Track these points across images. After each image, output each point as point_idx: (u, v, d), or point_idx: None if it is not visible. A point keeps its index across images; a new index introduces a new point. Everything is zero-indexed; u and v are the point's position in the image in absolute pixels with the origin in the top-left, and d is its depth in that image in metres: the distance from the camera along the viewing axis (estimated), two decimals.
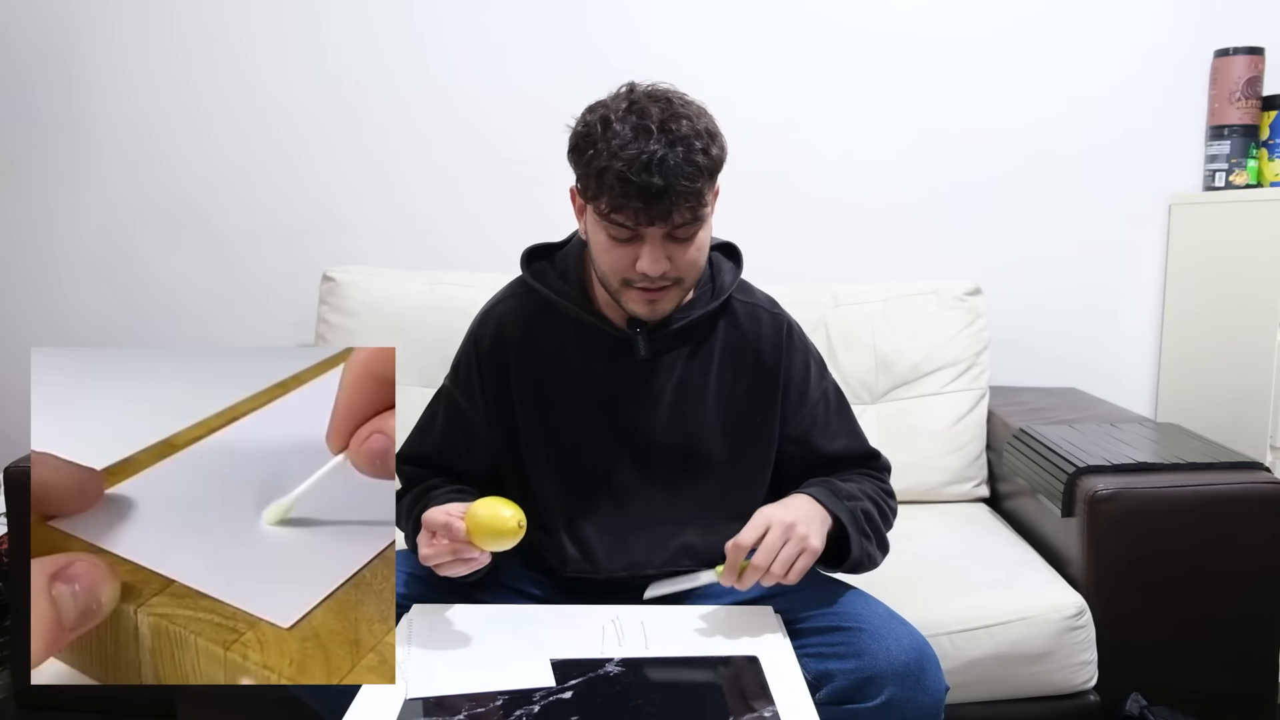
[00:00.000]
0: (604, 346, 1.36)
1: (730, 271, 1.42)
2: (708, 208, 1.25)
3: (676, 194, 1.17)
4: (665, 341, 1.36)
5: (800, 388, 1.41)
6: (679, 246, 1.24)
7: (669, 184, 1.17)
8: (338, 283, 2.21)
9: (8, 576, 1.83)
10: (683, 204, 1.19)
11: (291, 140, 2.43)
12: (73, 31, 2.43)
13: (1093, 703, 1.61)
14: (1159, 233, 2.38)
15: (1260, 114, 2.24)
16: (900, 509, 2.01)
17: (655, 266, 1.23)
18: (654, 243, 1.22)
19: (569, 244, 1.42)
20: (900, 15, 2.34)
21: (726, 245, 1.46)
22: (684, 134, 1.18)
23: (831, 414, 1.43)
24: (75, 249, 2.50)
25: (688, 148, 1.18)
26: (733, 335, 1.39)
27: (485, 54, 2.38)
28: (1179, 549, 1.63)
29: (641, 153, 1.16)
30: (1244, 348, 2.08)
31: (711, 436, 1.38)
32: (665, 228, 1.21)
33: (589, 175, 1.21)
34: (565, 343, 1.37)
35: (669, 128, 1.18)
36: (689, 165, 1.18)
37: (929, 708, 1.20)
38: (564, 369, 1.37)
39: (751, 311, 1.42)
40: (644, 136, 1.17)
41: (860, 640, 1.21)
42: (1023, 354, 2.39)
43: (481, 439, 1.40)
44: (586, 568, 1.37)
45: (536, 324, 1.39)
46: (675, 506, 1.38)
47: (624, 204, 1.18)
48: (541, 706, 1.04)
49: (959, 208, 2.39)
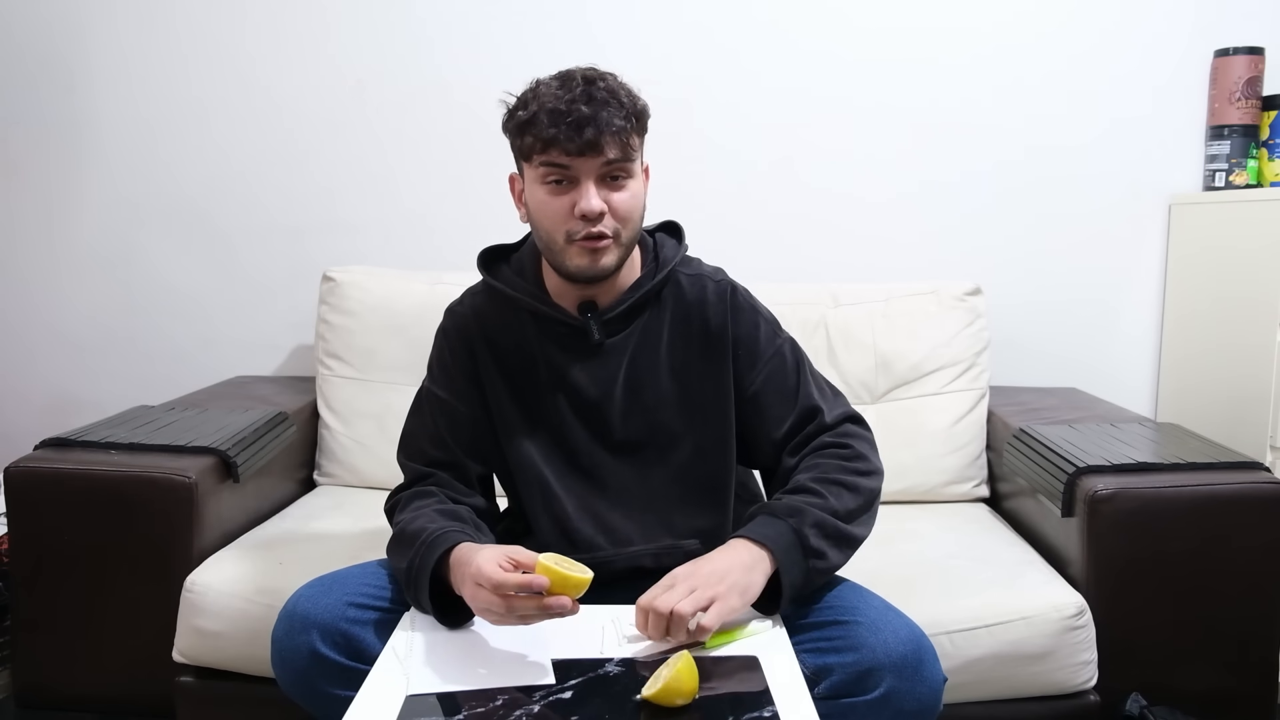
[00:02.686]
0: (560, 334, 1.41)
1: (672, 247, 1.46)
2: (637, 156, 1.32)
3: (603, 123, 1.25)
4: (616, 323, 1.40)
5: (749, 345, 1.41)
6: (612, 190, 1.30)
7: (595, 114, 1.25)
8: (338, 282, 2.21)
9: (8, 576, 1.84)
10: (610, 136, 1.26)
11: (293, 140, 2.43)
12: (75, 31, 2.43)
13: (1093, 702, 1.61)
14: (1159, 232, 2.38)
15: (1260, 114, 2.24)
16: (900, 509, 2.04)
17: (592, 203, 1.28)
18: (588, 180, 1.29)
19: (523, 244, 1.49)
20: (901, 11, 2.34)
21: (668, 224, 1.50)
22: (609, 84, 1.30)
23: (789, 369, 1.42)
24: (77, 248, 2.50)
25: (611, 91, 1.29)
26: (679, 307, 1.42)
27: (486, 54, 2.38)
28: (1179, 549, 1.63)
29: (568, 93, 1.27)
30: (1244, 347, 2.08)
31: (669, 410, 1.40)
32: (597, 161, 1.27)
33: (521, 128, 1.30)
34: (525, 334, 1.42)
35: (592, 79, 1.29)
36: (613, 100, 1.27)
37: (927, 699, 1.20)
38: (527, 359, 1.42)
39: (695, 281, 1.44)
40: (569, 84, 1.28)
41: (858, 633, 1.22)
42: (1023, 354, 2.39)
43: (466, 421, 1.43)
44: (568, 549, 1.37)
45: (497, 318, 1.44)
46: (646, 483, 1.41)
47: (554, 136, 1.26)
48: (541, 706, 1.04)
49: (959, 208, 2.39)
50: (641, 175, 1.35)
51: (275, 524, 1.91)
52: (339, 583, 1.31)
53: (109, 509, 1.69)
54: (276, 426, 2.00)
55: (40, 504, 1.71)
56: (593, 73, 1.31)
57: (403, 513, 1.37)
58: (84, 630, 1.74)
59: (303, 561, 1.66)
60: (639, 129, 1.32)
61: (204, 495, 1.71)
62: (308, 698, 1.28)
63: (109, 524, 1.70)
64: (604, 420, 1.40)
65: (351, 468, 2.15)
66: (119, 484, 1.69)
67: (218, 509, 1.77)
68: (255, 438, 1.90)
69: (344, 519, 1.92)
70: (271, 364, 2.50)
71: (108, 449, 1.76)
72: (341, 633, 1.25)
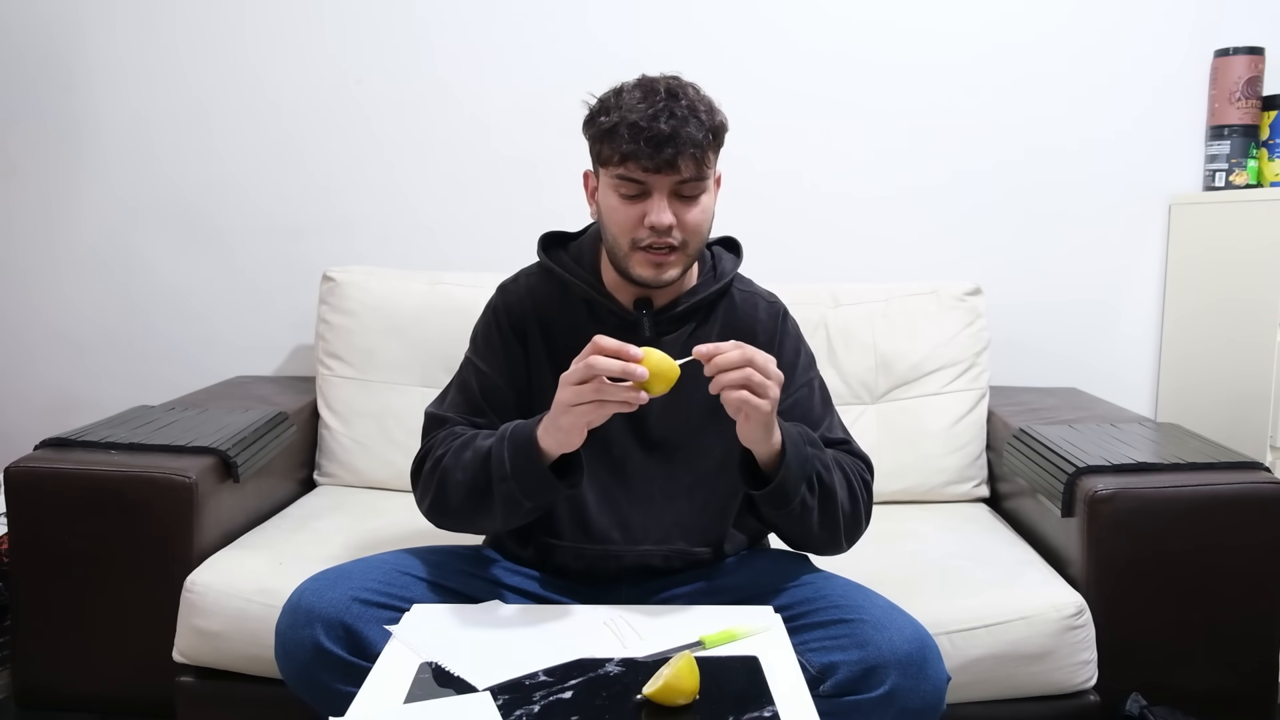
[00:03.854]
0: (612, 325, 1.41)
1: (731, 261, 1.49)
2: (710, 172, 1.33)
3: (682, 141, 1.27)
4: (669, 323, 1.42)
5: (788, 370, 1.42)
6: (684, 206, 1.32)
7: (675, 131, 1.26)
8: (338, 283, 2.21)
9: (8, 576, 1.84)
10: (688, 154, 1.28)
11: (292, 139, 2.43)
12: (74, 31, 2.43)
13: (1093, 702, 1.61)
14: (1159, 232, 2.38)
15: (1260, 114, 2.24)
16: (900, 509, 2.04)
17: (663, 218, 1.30)
18: (661, 195, 1.30)
19: (584, 233, 1.50)
20: (901, 12, 2.34)
21: (727, 239, 1.53)
22: (690, 98, 1.30)
23: (816, 401, 1.46)
24: (76, 248, 2.50)
25: (692, 107, 1.29)
26: (731, 319, 1.46)
27: (487, 53, 2.38)
28: (1179, 549, 1.63)
29: (650, 107, 1.28)
30: (1244, 347, 2.08)
31: (705, 417, 1.40)
32: (672, 178, 1.29)
33: (601, 135, 1.31)
34: (577, 319, 1.43)
35: (675, 92, 1.30)
36: (694, 118, 1.28)
37: (931, 697, 1.21)
38: (576, 343, 1.39)
39: (749, 299, 1.49)
40: (652, 96, 1.29)
41: (863, 631, 1.23)
42: (1023, 354, 2.39)
43: (502, 397, 1.43)
44: (581, 538, 1.39)
45: (551, 300, 1.45)
46: (672, 483, 1.42)
47: (633, 151, 1.27)
48: (541, 706, 1.04)
49: (960, 208, 2.39)
50: (713, 188, 1.37)
51: (275, 524, 1.91)
52: (345, 577, 1.31)
53: (109, 509, 1.69)
54: (276, 426, 2.00)
55: (40, 504, 1.71)
56: (676, 84, 1.32)
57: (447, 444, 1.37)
58: (84, 630, 1.74)
59: (303, 561, 1.66)
60: (715, 144, 1.33)
61: (204, 495, 1.71)
62: (310, 691, 1.27)
63: (109, 524, 1.69)
64: (642, 416, 1.39)
65: (351, 468, 2.15)
66: (119, 484, 1.69)
67: (218, 509, 1.77)
68: (255, 438, 1.90)
69: (344, 519, 1.92)
70: (271, 364, 2.50)
71: (108, 449, 1.76)
72: (346, 627, 1.25)
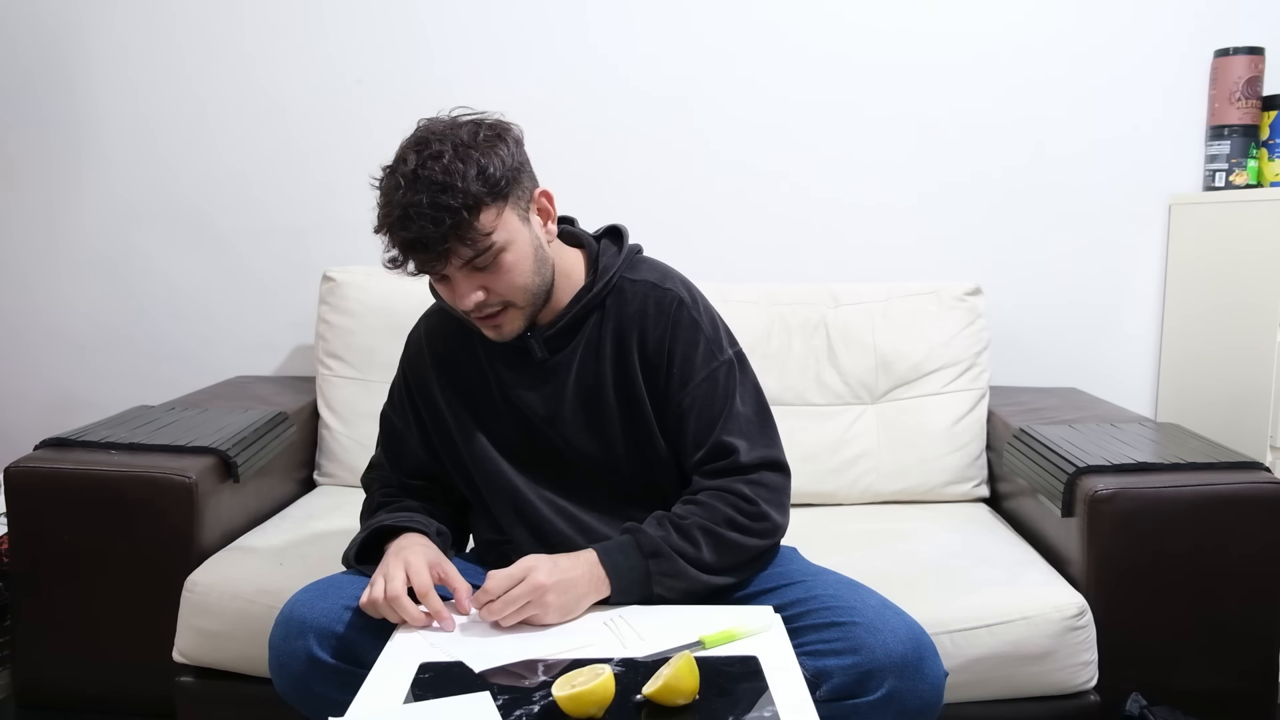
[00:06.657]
0: (507, 353, 1.40)
1: (611, 255, 1.40)
2: (494, 235, 1.23)
3: (433, 241, 1.20)
4: (558, 339, 1.39)
5: (684, 365, 1.36)
6: (488, 275, 1.26)
7: (422, 235, 1.20)
8: (338, 283, 2.21)
9: (8, 576, 1.84)
10: (455, 244, 1.21)
11: (293, 140, 2.43)
12: (74, 32, 2.43)
13: (1093, 702, 1.61)
14: (1159, 233, 2.38)
15: (1260, 114, 2.24)
16: (900, 509, 2.04)
17: (465, 300, 1.26)
18: (458, 279, 1.26)
19: None
20: (900, 14, 2.34)
21: (612, 229, 1.45)
22: (435, 180, 1.19)
23: (717, 395, 1.35)
24: (76, 248, 2.50)
25: (433, 196, 1.19)
26: (621, 317, 1.38)
27: (487, 54, 2.38)
28: (1179, 549, 1.63)
29: (398, 208, 1.20)
30: (1244, 348, 2.08)
31: (616, 425, 1.39)
32: (455, 264, 1.24)
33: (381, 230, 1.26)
34: (476, 353, 1.42)
35: (419, 175, 1.20)
36: (436, 212, 1.19)
37: (930, 696, 1.20)
38: (480, 377, 1.42)
39: (638, 290, 1.38)
40: (396, 190, 1.21)
41: (856, 634, 1.21)
42: (1023, 354, 2.39)
43: (413, 456, 1.47)
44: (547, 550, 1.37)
45: (451, 338, 1.44)
46: (610, 488, 1.40)
47: (404, 256, 1.24)
48: (541, 706, 1.04)
49: (959, 208, 2.39)
50: (522, 230, 1.27)
51: (275, 524, 1.91)
52: (335, 587, 1.31)
53: (109, 509, 1.69)
54: (276, 426, 2.00)
55: (40, 504, 1.71)
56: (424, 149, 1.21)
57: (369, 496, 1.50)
58: (84, 630, 1.74)
59: (303, 561, 1.66)
60: (494, 197, 1.22)
61: (204, 495, 1.71)
62: (305, 702, 1.28)
63: (109, 524, 1.70)
64: (559, 436, 1.39)
65: (351, 468, 2.15)
66: (119, 484, 1.69)
67: (218, 509, 1.77)
68: (255, 438, 1.90)
69: (344, 519, 1.92)
70: (271, 364, 2.50)
71: (108, 449, 1.76)
72: (338, 637, 1.26)
